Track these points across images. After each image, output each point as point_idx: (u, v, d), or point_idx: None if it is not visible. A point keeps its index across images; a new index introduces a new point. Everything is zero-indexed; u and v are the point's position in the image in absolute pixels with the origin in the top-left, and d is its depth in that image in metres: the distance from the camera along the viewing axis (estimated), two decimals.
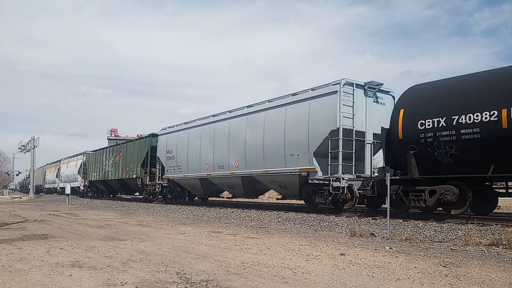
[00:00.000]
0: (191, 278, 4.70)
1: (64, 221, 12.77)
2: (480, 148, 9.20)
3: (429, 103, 10.30)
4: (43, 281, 4.60)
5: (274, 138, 14.21)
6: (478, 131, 9.17)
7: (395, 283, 4.54)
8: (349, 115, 12.35)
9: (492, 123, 8.94)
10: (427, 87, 11.05)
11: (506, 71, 9.57)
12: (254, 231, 9.62)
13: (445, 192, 9.85)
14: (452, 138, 9.57)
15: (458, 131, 9.48)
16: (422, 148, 10.16)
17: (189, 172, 18.98)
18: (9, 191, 56.71)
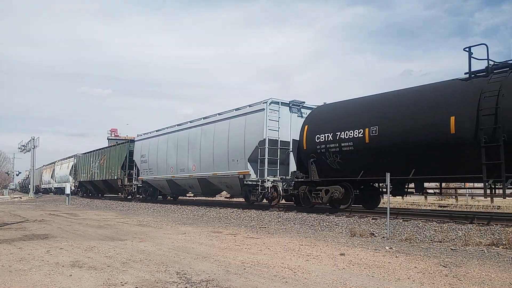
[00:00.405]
0: (191, 278, 4.71)
1: (64, 221, 12.77)
2: (354, 157, 11.85)
3: (323, 122, 13.11)
4: (43, 281, 4.60)
5: (221, 146, 16.84)
6: (352, 144, 11.79)
7: (395, 283, 4.54)
8: (274, 128, 14.97)
9: (360, 139, 11.56)
10: (324, 108, 14.01)
11: (370, 99, 12.39)
12: (254, 231, 9.62)
13: (335, 191, 12.43)
14: (337, 150, 12.22)
15: (340, 144, 12.14)
16: (319, 157, 12.81)
17: (158, 174, 21.56)
18: (9, 191, 56.78)
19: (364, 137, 11.37)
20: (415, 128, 10.29)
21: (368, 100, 12.38)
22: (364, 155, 11.47)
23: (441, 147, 9.80)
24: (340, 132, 12.06)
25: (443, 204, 21.02)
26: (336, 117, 12.71)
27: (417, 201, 22.71)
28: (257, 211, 14.29)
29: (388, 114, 11.08)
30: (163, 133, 21.75)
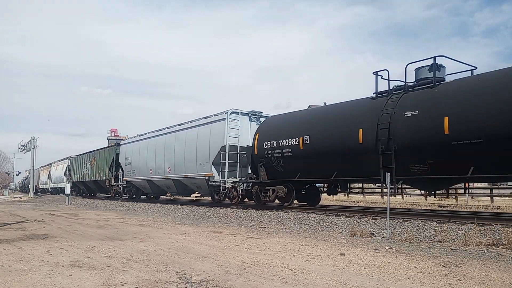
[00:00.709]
0: (191, 278, 4.71)
1: (64, 221, 12.77)
2: (292, 161, 13.93)
3: (270, 131, 15.17)
4: (43, 281, 4.60)
5: (191, 150, 18.77)
6: (290, 150, 13.87)
7: (395, 283, 4.54)
8: (235, 135, 16.94)
9: (296, 146, 13.64)
10: (271, 119, 16.44)
11: (305, 112, 14.90)
12: (254, 231, 9.62)
13: (279, 190, 14.58)
14: (280, 155, 14.32)
15: (282, 150, 14.21)
16: (266, 161, 14.87)
17: (140, 175, 23.69)
18: (9, 191, 56.91)
19: (299, 145, 13.55)
20: (335, 137, 12.41)
21: (303, 113, 14.96)
22: (300, 160, 13.60)
23: (353, 154, 11.86)
24: (282, 140, 14.32)
25: (443, 204, 21.02)
26: (279, 127, 14.94)
27: (417, 201, 22.72)
28: (257, 211, 14.30)
29: (317, 126, 13.27)
30: (144, 138, 24.04)
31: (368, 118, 11.56)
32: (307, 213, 12.81)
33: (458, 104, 9.87)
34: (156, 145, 22.09)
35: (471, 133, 9.41)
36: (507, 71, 9.85)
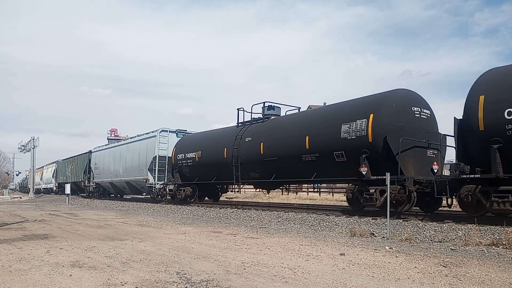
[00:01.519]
0: (191, 278, 4.71)
1: (64, 221, 12.77)
2: (193, 169, 20.06)
3: (182, 146, 21.05)
4: (43, 281, 4.60)
5: (136, 158, 24.71)
6: (191, 161, 19.87)
7: (395, 283, 4.54)
8: (164, 148, 22.56)
9: (194, 158, 19.76)
10: (186, 137, 22.54)
11: (200, 135, 21.16)
12: (254, 231, 9.62)
13: (186, 190, 20.29)
14: (187, 164, 20.31)
15: (187, 161, 20.37)
16: (179, 168, 20.87)
17: (104, 178, 29.69)
18: (9, 191, 57.09)
19: (195, 157, 19.44)
20: (211, 152, 18.46)
21: (200, 134, 21.29)
22: (197, 168, 19.47)
23: (221, 165, 17.53)
24: (187, 153, 20.12)
25: (443, 204, 20.97)
26: (187, 144, 20.86)
27: None
28: (257, 211, 14.30)
29: (205, 144, 19.23)
30: (108, 148, 30.56)
31: (230, 141, 17.14)
32: (307, 213, 12.81)
33: (267, 134, 15.57)
34: (115, 154, 28.11)
35: (272, 153, 15.06)
36: (293, 116, 16.17)
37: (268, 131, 15.67)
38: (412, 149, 11.28)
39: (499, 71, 10.25)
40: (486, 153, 9.30)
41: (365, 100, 12.64)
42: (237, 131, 17.09)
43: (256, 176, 16.02)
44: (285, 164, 14.46)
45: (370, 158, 11.47)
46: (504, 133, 9.10)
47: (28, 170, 59.53)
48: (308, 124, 13.92)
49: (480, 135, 9.54)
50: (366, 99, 12.66)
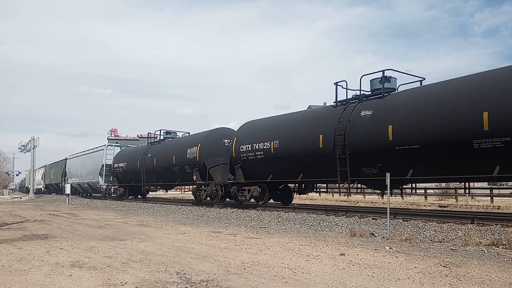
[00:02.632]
0: (191, 278, 4.71)
1: (64, 221, 12.77)
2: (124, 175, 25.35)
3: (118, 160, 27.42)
4: (43, 281, 4.60)
5: (92, 166, 32.01)
6: (122, 168, 24.95)
7: (395, 283, 4.54)
8: (110, 158, 29.21)
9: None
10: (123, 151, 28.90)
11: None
12: (254, 231, 9.62)
13: (121, 189, 27.00)
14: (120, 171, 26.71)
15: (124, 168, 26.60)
16: (117, 174, 27.27)
17: (74, 180, 37.02)
18: (9, 191, 57.26)
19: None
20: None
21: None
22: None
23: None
24: (119, 163, 26.56)
25: (443, 204, 21.02)
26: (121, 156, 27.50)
27: (417, 201, 22.72)
28: (257, 211, 14.29)
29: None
30: (76, 156, 37.76)
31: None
32: (307, 213, 12.81)
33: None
34: (80, 161, 35.77)
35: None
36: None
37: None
38: (218, 165, 17.78)
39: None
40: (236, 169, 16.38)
41: (198, 135, 20.19)
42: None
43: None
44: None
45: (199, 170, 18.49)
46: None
47: (28, 170, 60.13)
48: (175, 146, 21.54)
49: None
50: (198, 135, 20.40)
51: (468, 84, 10.00)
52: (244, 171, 15.90)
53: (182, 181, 20.52)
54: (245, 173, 15.94)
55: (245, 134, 16.31)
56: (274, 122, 15.60)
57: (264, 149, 14.75)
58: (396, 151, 10.67)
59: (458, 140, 9.51)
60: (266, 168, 14.80)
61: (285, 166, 14.06)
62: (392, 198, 20.46)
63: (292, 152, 13.66)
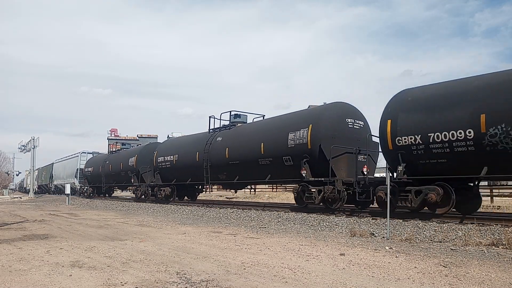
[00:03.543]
0: (191, 278, 4.70)
1: (64, 221, 12.77)
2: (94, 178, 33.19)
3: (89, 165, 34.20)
4: (43, 281, 4.60)
5: (70, 170, 41.79)
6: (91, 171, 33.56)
7: (395, 283, 4.54)
8: (83, 164, 36.45)
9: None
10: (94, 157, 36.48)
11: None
12: (254, 231, 9.62)
13: (90, 188, 33.46)
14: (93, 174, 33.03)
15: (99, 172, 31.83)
16: (88, 177, 34.28)
17: (58, 181, 46.54)
18: (9, 191, 57.30)
19: (92, 170, 31.34)
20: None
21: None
22: (94, 177, 31.29)
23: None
24: (89, 168, 32.81)
25: None
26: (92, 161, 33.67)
27: None
28: (257, 211, 14.30)
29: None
30: (59, 161, 47.36)
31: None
32: (307, 213, 12.81)
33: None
34: (62, 166, 45.47)
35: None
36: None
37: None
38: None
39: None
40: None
41: (307, 112, 14.72)
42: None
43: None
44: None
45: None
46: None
47: (28, 170, 60.61)
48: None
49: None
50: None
51: (253, 127, 16.89)
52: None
53: (127, 182, 26.99)
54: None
55: (162, 150, 22.50)
56: (178, 141, 22.48)
57: (170, 161, 20.95)
58: (230, 164, 16.58)
59: (250, 159, 15.51)
60: (172, 174, 21.05)
61: (181, 173, 20.27)
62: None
63: (185, 163, 19.73)
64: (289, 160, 13.91)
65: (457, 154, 9.56)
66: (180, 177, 20.46)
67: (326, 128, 13.04)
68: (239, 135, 16.92)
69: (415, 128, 10.26)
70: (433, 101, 10.26)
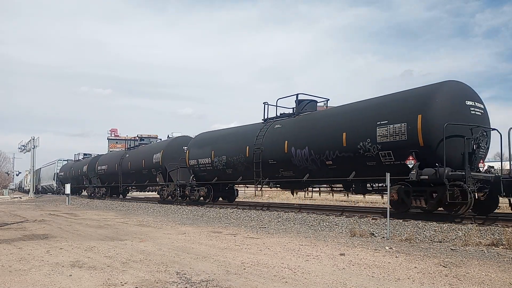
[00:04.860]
0: (191, 278, 4.70)
1: (64, 221, 12.77)
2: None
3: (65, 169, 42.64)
4: (43, 281, 4.60)
5: (50, 174, 51.59)
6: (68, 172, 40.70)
7: (395, 283, 4.54)
8: (59, 168, 46.09)
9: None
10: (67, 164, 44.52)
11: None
12: (254, 231, 9.62)
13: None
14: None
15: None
16: (64, 180, 42.53)
17: (43, 183, 56.41)
18: (9, 191, 57.39)
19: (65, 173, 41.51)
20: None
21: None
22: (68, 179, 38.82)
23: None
24: (65, 172, 40.84)
25: None
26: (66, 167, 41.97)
27: None
28: (257, 211, 14.29)
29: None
30: (45, 166, 56.64)
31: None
32: (307, 213, 12.81)
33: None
34: (45, 170, 54.98)
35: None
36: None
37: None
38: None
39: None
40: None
41: (410, 93, 11.27)
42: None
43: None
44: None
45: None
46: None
47: (28, 170, 60.79)
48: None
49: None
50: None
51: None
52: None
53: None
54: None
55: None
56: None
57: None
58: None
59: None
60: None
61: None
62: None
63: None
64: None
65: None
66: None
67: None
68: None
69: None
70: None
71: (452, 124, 9.72)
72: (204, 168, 18.25)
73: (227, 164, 16.78)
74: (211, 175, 17.97)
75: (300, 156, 13.49)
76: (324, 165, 12.72)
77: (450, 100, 10.27)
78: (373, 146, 11.06)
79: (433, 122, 9.93)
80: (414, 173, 9.99)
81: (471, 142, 10.00)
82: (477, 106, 10.62)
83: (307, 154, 13.19)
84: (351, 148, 11.63)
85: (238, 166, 16.27)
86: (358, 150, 11.41)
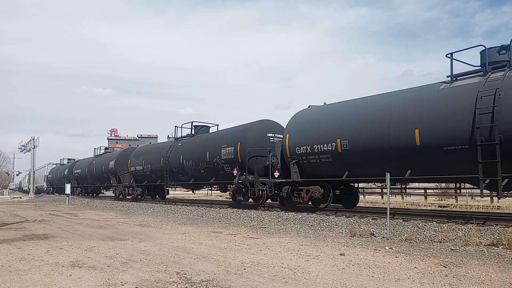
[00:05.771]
0: (191, 278, 4.71)
1: (64, 221, 12.77)
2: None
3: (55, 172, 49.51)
4: (43, 281, 4.60)
5: (41, 176, 57.89)
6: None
7: (395, 283, 4.54)
8: (49, 170, 53.84)
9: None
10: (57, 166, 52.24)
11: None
12: (254, 231, 9.62)
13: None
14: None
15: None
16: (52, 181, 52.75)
17: (37, 184, 55.43)
18: (9, 191, 57.54)
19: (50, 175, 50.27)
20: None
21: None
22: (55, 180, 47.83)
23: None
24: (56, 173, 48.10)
25: (443, 204, 21.01)
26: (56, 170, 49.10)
27: (417, 201, 22.72)
28: (257, 211, 14.29)
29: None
30: (38, 169, 56.88)
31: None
32: (307, 213, 12.81)
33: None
34: (38, 172, 55.81)
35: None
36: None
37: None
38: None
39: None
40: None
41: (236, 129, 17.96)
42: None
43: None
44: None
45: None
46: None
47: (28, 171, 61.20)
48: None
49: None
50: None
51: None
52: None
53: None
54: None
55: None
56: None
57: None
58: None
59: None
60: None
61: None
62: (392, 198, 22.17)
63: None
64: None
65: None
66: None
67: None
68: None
69: None
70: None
71: (252, 148, 15.72)
72: (139, 173, 24.40)
73: (152, 170, 22.88)
74: (143, 178, 24.17)
75: (188, 166, 19.39)
76: (200, 172, 18.82)
77: (256, 133, 16.35)
78: (220, 160, 17.20)
79: (245, 147, 15.92)
80: (237, 178, 16.23)
81: (268, 160, 15.46)
82: (276, 137, 16.43)
83: (192, 165, 19.16)
84: (211, 161, 17.75)
85: (158, 172, 22.15)
86: (214, 163, 17.56)
